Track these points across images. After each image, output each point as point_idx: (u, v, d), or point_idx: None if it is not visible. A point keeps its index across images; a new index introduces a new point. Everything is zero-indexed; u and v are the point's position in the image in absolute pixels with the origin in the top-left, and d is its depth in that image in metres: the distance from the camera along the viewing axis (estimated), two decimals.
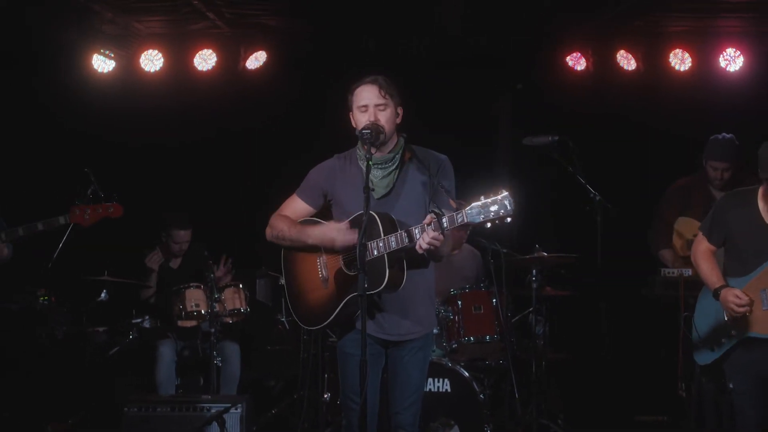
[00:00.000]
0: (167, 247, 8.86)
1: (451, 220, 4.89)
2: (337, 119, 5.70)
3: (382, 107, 5.33)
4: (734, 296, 5.82)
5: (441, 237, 4.94)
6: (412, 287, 5.31)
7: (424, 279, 5.45)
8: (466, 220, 4.83)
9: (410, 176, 5.42)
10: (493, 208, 4.76)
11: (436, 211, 4.95)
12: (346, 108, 5.48)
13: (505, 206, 4.74)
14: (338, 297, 5.31)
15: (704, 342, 6.12)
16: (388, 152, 5.38)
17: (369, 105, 5.32)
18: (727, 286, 5.91)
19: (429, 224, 4.93)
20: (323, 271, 5.40)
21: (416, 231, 5.00)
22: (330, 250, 5.35)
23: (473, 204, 4.82)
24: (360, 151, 5.39)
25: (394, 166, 5.37)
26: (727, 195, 6.20)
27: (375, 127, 5.23)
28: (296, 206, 5.55)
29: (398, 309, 5.36)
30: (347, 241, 5.20)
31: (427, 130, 9.45)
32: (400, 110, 5.43)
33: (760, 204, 5.90)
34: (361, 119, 5.34)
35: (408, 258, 5.19)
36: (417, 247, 5.00)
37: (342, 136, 5.68)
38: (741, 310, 5.80)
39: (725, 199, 6.15)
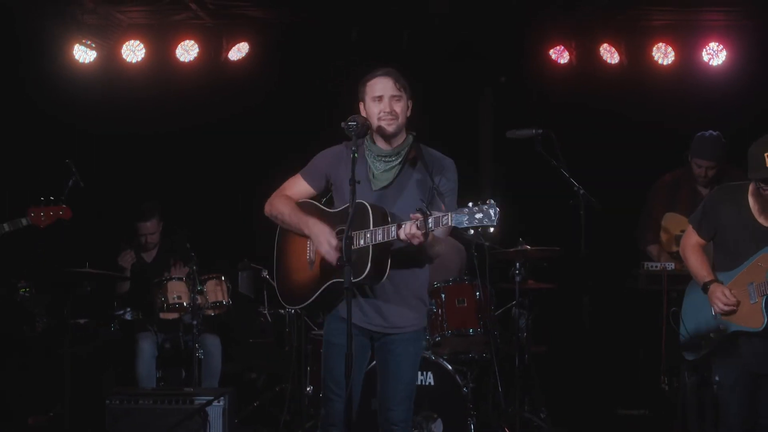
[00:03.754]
0: (137, 242, 8.84)
1: (437, 221, 4.94)
2: (320, 110, 5.69)
3: (397, 98, 5.39)
4: (722, 294, 5.82)
5: (420, 235, 4.96)
6: (402, 282, 5.38)
7: (416, 276, 5.49)
8: (450, 223, 4.89)
9: (412, 174, 5.45)
10: (478, 215, 4.82)
11: (423, 209, 4.97)
12: (355, 100, 5.50)
13: (490, 215, 4.81)
14: (320, 281, 5.35)
15: (693, 337, 6.12)
16: (395, 146, 5.42)
17: (384, 95, 5.36)
18: (716, 281, 5.90)
19: (414, 221, 4.97)
20: (311, 253, 5.44)
21: (404, 226, 5.02)
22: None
23: (461, 209, 4.88)
24: (369, 142, 5.44)
25: (398, 161, 5.41)
26: (718, 189, 6.16)
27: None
28: (299, 187, 5.58)
29: (385, 301, 5.37)
30: (330, 258, 5.21)
31: (409, 121, 9.52)
32: (410, 103, 5.49)
33: (750, 200, 5.89)
34: (374, 110, 5.37)
35: (402, 255, 5.24)
36: (399, 235, 5.03)
37: (326, 127, 5.68)
38: (726, 308, 5.81)
39: (716, 193, 6.12)
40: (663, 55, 9.80)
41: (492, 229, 4.85)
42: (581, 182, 6.87)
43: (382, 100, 5.36)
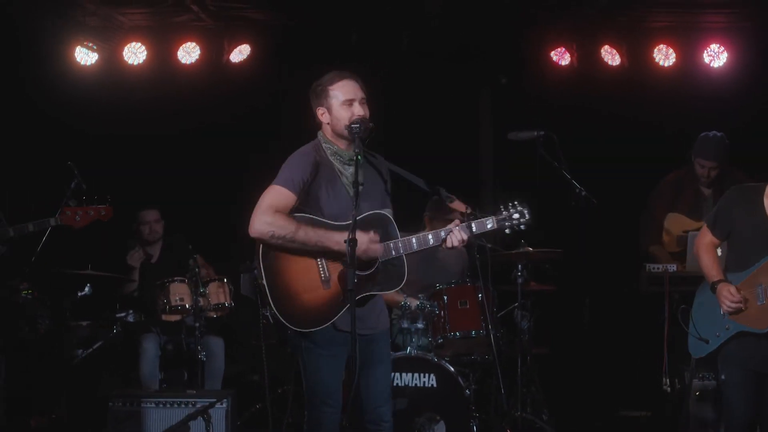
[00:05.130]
0: (140, 235, 8.86)
1: (481, 226, 5.32)
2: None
3: (364, 101, 5.40)
4: (728, 292, 5.83)
5: (466, 239, 5.30)
6: None
7: None
8: (495, 226, 5.34)
9: (372, 174, 5.50)
10: (516, 216, 5.35)
11: (468, 214, 5.33)
12: (307, 102, 5.52)
13: (524, 213, 5.38)
14: (345, 297, 5.19)
15: (701, 335, 6.11)
16: (353, 149, 5.36)
17: (356, 99, 5.34)
18: (724, 280, 5.91)
19: (457, 227, 5.27)
20: (325, 271, 5.30)
21: (442, 233, 5.30)
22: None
23: (498, 212, 5.37)
24: (330, 145, 5.42)
25: (360, 163, 5.33)
26: (734, 189, 6.13)
27: (364, 122, 5.24)
28: (287, 200, 5.30)
29: (373, 304, 5.43)
30: (375, 252, 5.25)
31: (409, 123, 9.53)
32: None
33: (766, 202, 5.89)
34: (345, 114, 5.34)
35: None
36: (445, 245, 5.32)
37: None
38: (733, 306, 5.81)
39: (731, 193, 6.10)
40: (664, 56, 9.82)
41: (523, 227, 5.38)
42: (583, 184, 6.88)
43: (353, 104, 5.34)
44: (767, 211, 5.88)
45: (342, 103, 5.35)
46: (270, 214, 5.23)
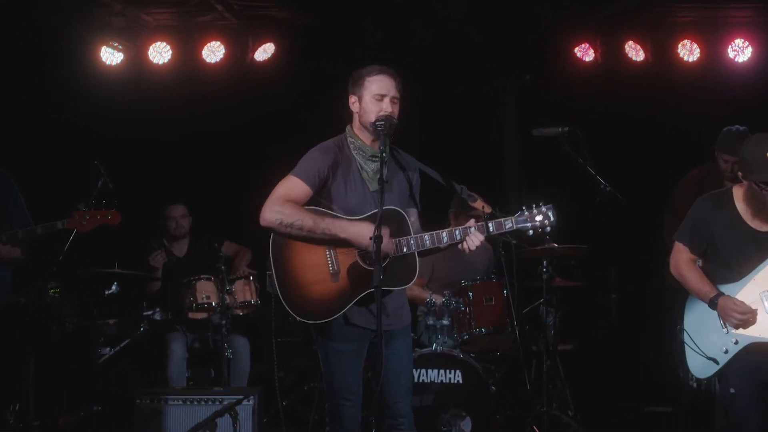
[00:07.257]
0: (166, 230, 8.93)
1: (498, 226, 5.19)
2: (345, 110, 5.67)
3: (396, 101, 5.37)
4: (734, 305, 5.64)
5: (484, 239, 5.20)
6: None
7: None
8: (514, 227, 5.19)
9: (396, 170, 5.50)
10: (538, 217, 5.20)
11: (485, 215, 5.21)
12: (345, 92, 5.49)
13: (549, 216, 5.22)
14: (353, 290, 5.24)
15: (704, 354, 5.84)
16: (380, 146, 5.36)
17: (387, 95, 5.33)
18: (722, 294, 5.71)
19: (473, 227, 5.19)
20: (334, 264, 5.29)
21: (457, 233, 5.21)
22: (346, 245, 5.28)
23: (519, 212, 5.22)
24: (354, 140, 5.43)
25: (384, 161, 5.35)
26: (702, 200, 6.02)
27: (389, 120, 5.24)
28: (301, 191, 5.31)
29: (387, 300, 5.36)
30: (385, 248, 5.09)
31: (434, 120, 9.53)
32: None
33: (739, 206, 5.78)
34: (373, 108, 5.33)
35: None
36: (464, 247, 5.21)
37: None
38: (744, 317, 5.62)
39: (702, 204, 5.98)
40: (688, 52, 9.80)
41: (549, 229, 5.23)
42: (607, 180, 6.87)
43: (384, 99, 5.33)
44: (744, 215, 5.77)
45: (373, 95, 5.34)
46: (280, 202, 5.27)
